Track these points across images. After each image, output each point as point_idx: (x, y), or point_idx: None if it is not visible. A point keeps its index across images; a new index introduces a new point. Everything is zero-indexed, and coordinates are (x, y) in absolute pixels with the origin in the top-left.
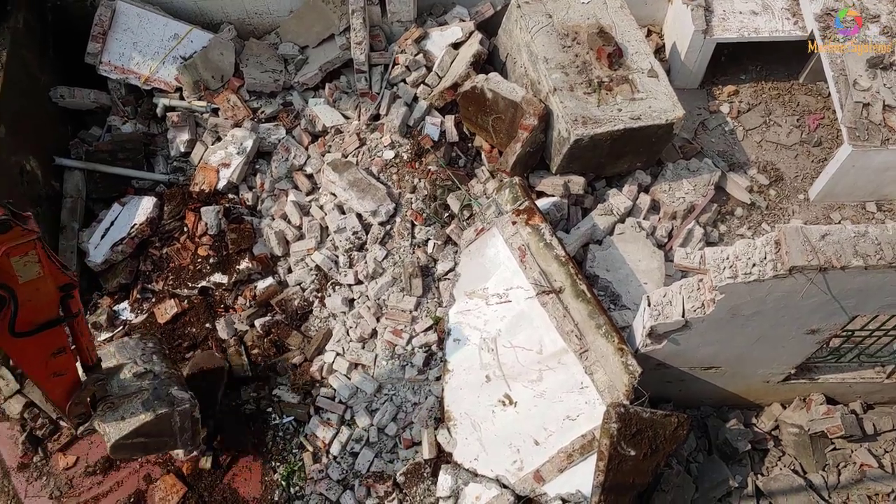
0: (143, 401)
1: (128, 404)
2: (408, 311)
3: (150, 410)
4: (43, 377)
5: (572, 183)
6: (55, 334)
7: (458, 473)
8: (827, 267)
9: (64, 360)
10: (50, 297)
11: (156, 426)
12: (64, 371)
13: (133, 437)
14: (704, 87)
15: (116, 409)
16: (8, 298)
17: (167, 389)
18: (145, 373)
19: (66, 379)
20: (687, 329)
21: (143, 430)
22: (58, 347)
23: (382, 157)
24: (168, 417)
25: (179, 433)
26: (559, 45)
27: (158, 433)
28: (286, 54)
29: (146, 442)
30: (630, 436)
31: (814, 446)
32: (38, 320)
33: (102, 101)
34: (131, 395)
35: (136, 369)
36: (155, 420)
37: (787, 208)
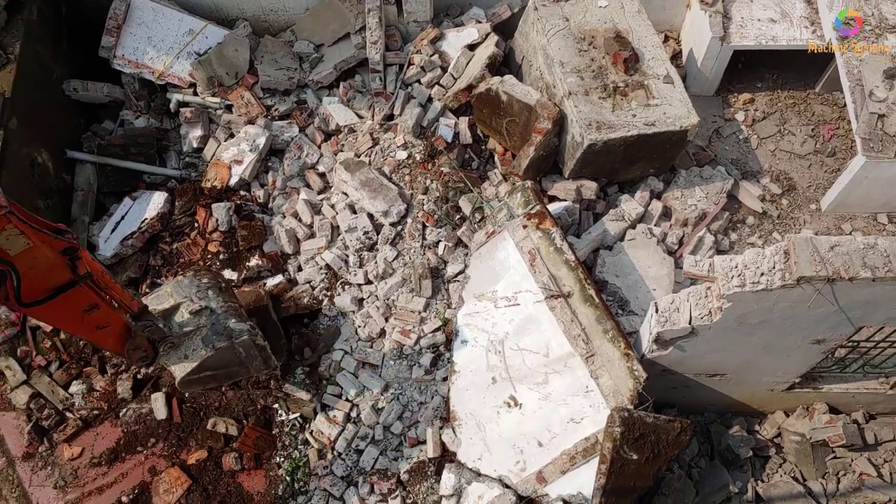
0: (203, 337)
1: (188, 342)
2: (416, 312)
3: (210, 346)
4: (88, 333)
5: (585, 188)
6: (77, 295)
7: (461, 472)
8: (835, 278)
9: (100, 314)
10: (53, 263)
11: (219, 360)
12: (106, 324)
13: (198, 372)
14: (720, 94)
15: (178, 348)
16: (8, 271)
17: (225, 323)
18: (202, 309)
19: (114, 330)
20: (693, 336)
21: (206, 365)
22: (87, 305)
23: (395, 158)
24: (230, 350)
25: (248, 361)
26: (575, 49)
27: (225, 365)
28: (301, 52)
29: (215, 374)
30: (633, 440)
31: (815, 454)
32: (51, 286)
33: (116, 95)
34: (191, 334)
35: (193, 307)
36: (216, 354)
37: (798, 218)
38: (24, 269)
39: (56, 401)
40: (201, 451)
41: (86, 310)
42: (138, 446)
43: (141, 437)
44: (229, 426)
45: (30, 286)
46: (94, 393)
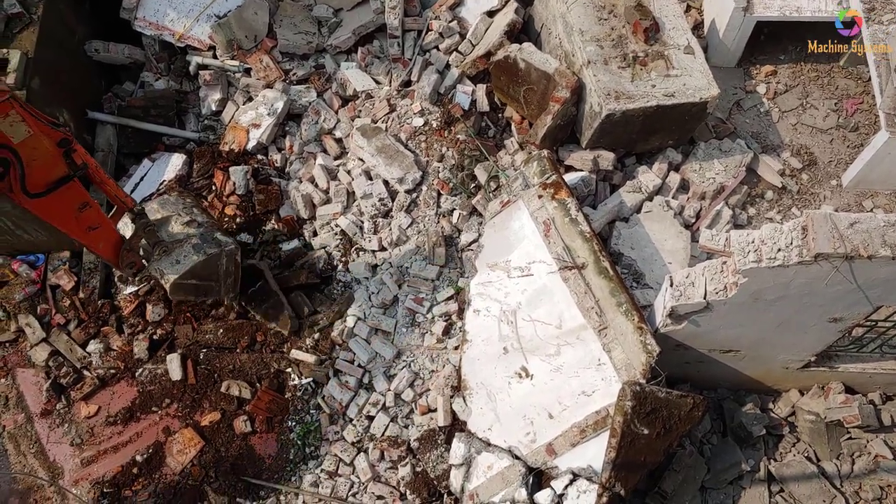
0: (194, 244)
1: (180, 249)
2: (430, 280)
3: (202, 252)
4: (79, 233)
5: (602, 158)
6: (72, 190)
7: (471, 442)
8: (853, 255)
9: (91, 213)
10: (51, 154)
11: (206, 268)
12: (97, 224)
13: (187, 277)
14: (742, 66)
15: (170, 254)
16: (11, 159)
17: (213, 234)
18: (190, 221)
19: (104, 232)
20: (708, 311)
21: (195, 272)
22: (80, 203)
23: (411, 124)
24: (217, 259)
25: (224, 277)
26: (595, 18)
27: (207, 276)
28: (320, 16)
29: (197, 285)
30: (644, 414)
31: (829, 434)
32: (50, 179)
33: (136, 56)
34: (182, 241)
35: (182, 220)
36: (206, 261)
37: (818, 193)
38: (27, 159)
39: (74, 359)
40: (215, 412)
41: (79, 207)
42: (153, 406)
43: (156, 397)
44: (243, 389)
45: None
46: (111, 352)
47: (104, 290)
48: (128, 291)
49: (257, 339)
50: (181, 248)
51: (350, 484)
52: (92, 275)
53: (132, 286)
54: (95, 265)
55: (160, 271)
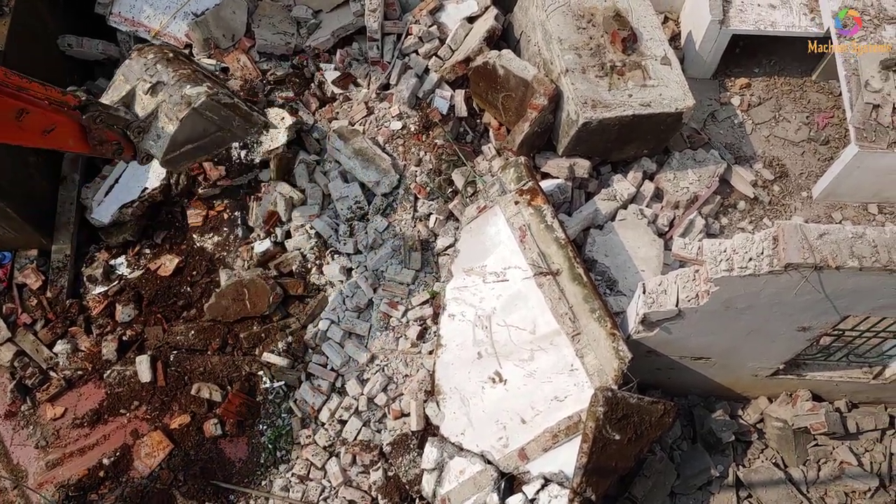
0: (165, 113)
1: (155, 122)
2: (405, 284)
3: (174, 118)
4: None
5: (578, 166)
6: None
7: (443, 447)
8: (822, 266)
9: (35, 117)
10: None
11: (192, 129)
12: (49, 126)
13: (177, 147)
14: (717, 77)
15: (148, 131)
16: None
17: (181, 91)
18: (155, 85)
19: (66, 130)
20: (680, 318)
21: (181, 139)
22: (13, 111)
23: (389, 128)
24: (196, 116)
25: (226, 123)
26: (574, 26)
27: (202, 134)
28: (299, 17)
29: (198, 145)
30: (616, 420)
31: (796, 441)
32: None
33: (111, 52)
34: (153, 112)
35: (146, 87)
36: (185, 125)
37: (789, 205)
38: None
39: (40, 360)
40: (184, 415)
41: (16, 117)
42: (121, 409)
43: (124, 399)
44: (213, 392)
45: None
46: (79, 353)
47: (72, 290)
48: (97, 291)
49: (229, 341)
50: (155, 120)
51: (321, 488)
52: (60, 274)
53: (102, 286)
54: (64, 264)
55: (147, 153)
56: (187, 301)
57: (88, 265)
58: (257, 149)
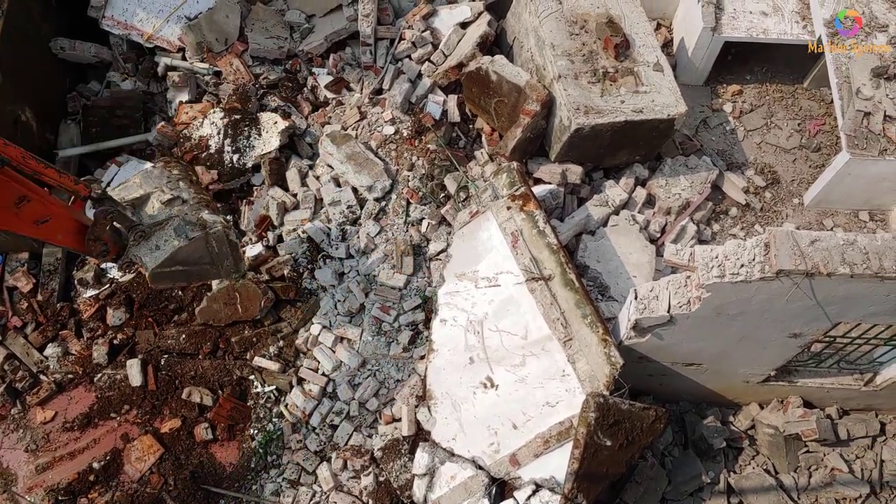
0: (175, 227)
1: (160, 232)
2: (397, 289)
3: (183, 236)
4: (27, 229)
5: (570, 172)
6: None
7: (435, 452)
8: (814, 272)
9: (34, 206)
10: None
11: (191, 253)
12: (45, 216)
13: (170, 265)
14: (709, 84)
15: (149, 239)
16: None
17: (198, 214)
18: (173, 199)
19: (58, 223)
20: (671, 325)
21: (179, 258)
22: (15, 197)
23: (382, 133)
24: (203, 242)
25: (219, 259)
26: (567, 32)
27: (197, 260)
28: (292, 22)
29: (187, 270)
30: (607, 426)
31: (787, 448)
32: None
33: (103, 55)
34: (162, 223)
35: (164, 197)
36: (189, 246)
37: (781, 211)
38: None
39: (30, 363)
40: (175, 419)
41: (16, 203)
42: (112, 412)
43: (115, 403)
44: (204, 396)
45: None
46: (70, 357)
47: (63, 293)
48: (88, 295)
49: (220, 345)
50: (161, 231)
51: (312, 493)
52: (51, 277)
53: (93, 289)
54: (55, 267)
55: (138, 258)
56: (178, 305)
57: (79, 268)
58: (249, 153)
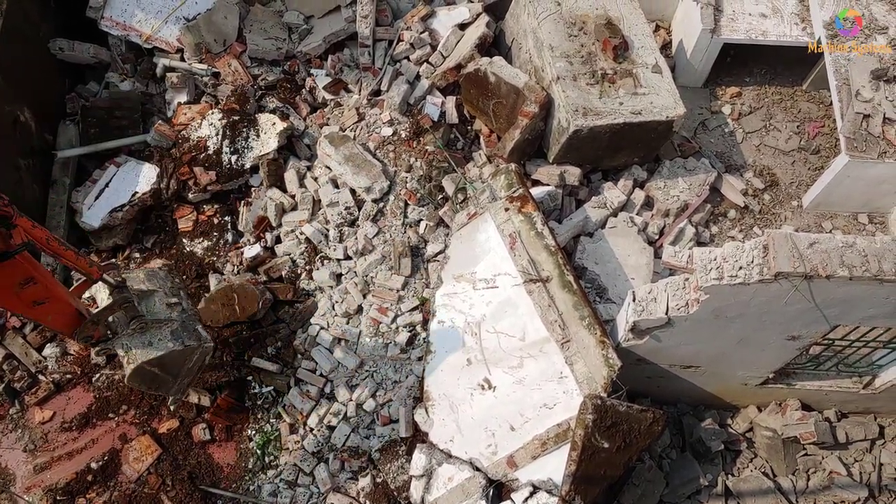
0: (173, 330)
1: (157, 331)
2: (395, 290)
3: (180, 341)
4: (20, 308)
5: (568, 173)
6: (9, 267)
7: (432, 453)
8: (812, 275)
9: (37, 290)
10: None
11: (175, 360)
12: (44, 299)
13: (154, 364)
14: (708, 86)
15: (145, 333)
16: None
17: (194, 325)
18: (176, 304)
19: (54, 306)
20: (669, 327)
21: (164, 360)
22: (22, 279)
23: (380, 134)
24: (191, 352)
25: (185, 375)
26: (566, 34)
27: (170, 369)
28: (291, 23)
29: (157, 375)
30: (605, 428)
31: (786, 451)
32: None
33: (102, 56)
34: (161, 323)
35: (168, 300)
36: (180, 351)
37: (779, 214)
38: None
39: (29, 363)
40: (173, 420)
41: (21, 283)
42: (110, 413)
43: (113, 403)
44: (202, 397)
45: None
46: (68, 357)
47: None
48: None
49: (217, 346)
50: (159, 329)
51: (309, 494)
52: None
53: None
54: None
55: (127, 348)
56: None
57: None
58: (248, 154)
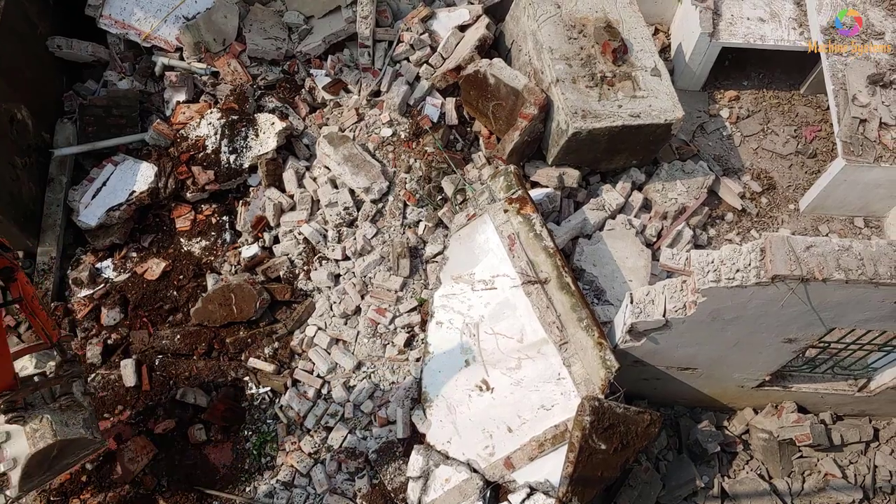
0: (85, 418)
1: (73, 413)
2: (393, 291)
3: (90, 431)
4: None
5: (567, 175)
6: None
7: (429, 455)
8: (809, 278)
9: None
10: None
11: (73, 448)
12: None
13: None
14: (706, 89)
15: (65, 412)
16: None
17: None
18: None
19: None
20: (667, 329)
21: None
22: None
23: (380, 135)
24: (87, 446)
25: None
26: (565, 36)
27: (60, 457)
28: (291, 23)
29: (44, 460)
30: (602, 430)
31: (781, 453)
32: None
33: (100, 55)
34: (81, 407)
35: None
36: (86, 441)
37: (777, 217)
38: None
39: None
40: (169, 420)
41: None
42: (105, 413)
43: (108, 403)
44: (198, 397)
45: None
46: None
47: (58, 293)
48: (82, 294)
49: (215, 346)
50: (75, 414)
51: (306, 495)
52: (45, 276)
53: (88, 289)
54: (49, 266)
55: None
56: (174, 305)
57: (74, 268)
58: (246, 153)
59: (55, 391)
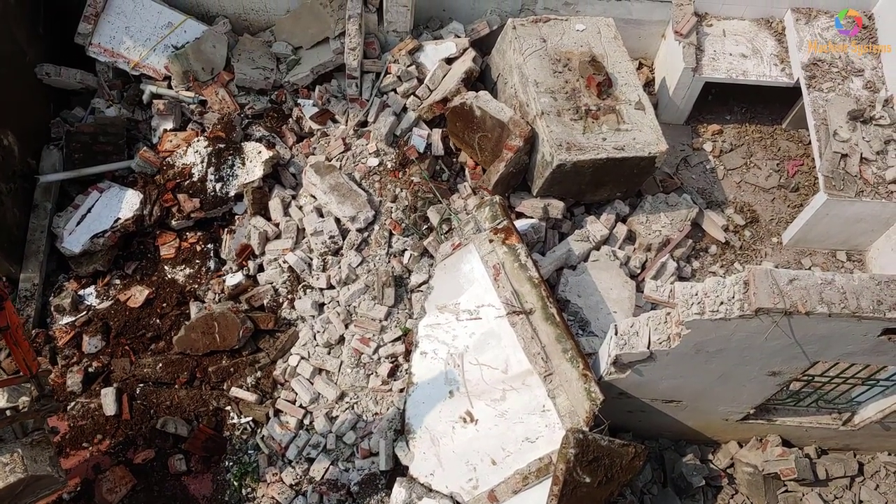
0: (51, 456)
1: (43, 451)
2: (377, 320)
3: (56, 470)
4: None
5: (552, 207)
6: None
7: (412, 487)
8: (792, 311)
9: None
10: None
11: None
12: None
13: (26, 482)
14: (690, 123)
15: (34, 448)
16: None
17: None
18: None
19: None
20: (651, 361)
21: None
22: None
23: (366, 164)
24: (52, 484)
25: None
26: (551, 70)
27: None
28: (279, 53)
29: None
30: (587, 462)
31: (766, 487)
32: None
33: (88, 82)
34: (48, 445)
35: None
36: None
37: (760, 250)
38: None
39: None
40: (149, 450)
41: None
42: (83, 442)
43: (87, 432)
44: (179, 426)
45: None
46: None
47: (39, 320)
48: (64, 322)
49: (197, 375)
50: (42, 450)
51: None
52: (27, 303)
53: (70, 316)
54: (31, 293)
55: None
56: (156, 333)
57: (56, 295)
58: (233, 182)
59: (27, 426)
